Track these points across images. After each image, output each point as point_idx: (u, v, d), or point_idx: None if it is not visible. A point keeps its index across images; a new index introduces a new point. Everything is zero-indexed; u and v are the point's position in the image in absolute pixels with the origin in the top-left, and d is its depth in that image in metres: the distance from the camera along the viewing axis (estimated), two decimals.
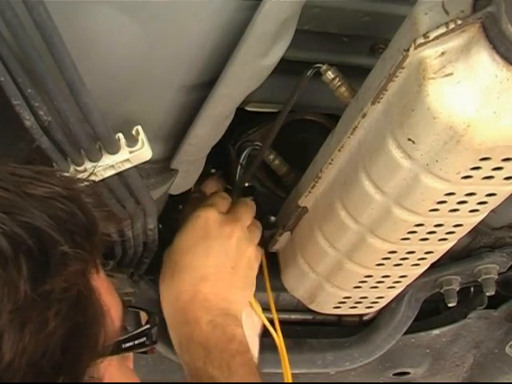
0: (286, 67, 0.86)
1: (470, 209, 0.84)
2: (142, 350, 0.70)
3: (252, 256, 1.07)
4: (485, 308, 1.32)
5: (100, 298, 0.60)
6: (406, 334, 1.31)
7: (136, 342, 0.68)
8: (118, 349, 0.64)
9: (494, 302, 1.32)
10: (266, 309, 1.25)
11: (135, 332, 0.68)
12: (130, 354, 0.70)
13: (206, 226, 1.04)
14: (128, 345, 0.66)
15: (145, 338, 0.69)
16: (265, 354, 1.11)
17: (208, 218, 1.04)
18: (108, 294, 0.62)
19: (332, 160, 0.90)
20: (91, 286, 0.59)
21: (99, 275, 0.63)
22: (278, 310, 1.19)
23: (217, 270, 1.03)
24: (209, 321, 0.99)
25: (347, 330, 1.32)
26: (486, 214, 0.87)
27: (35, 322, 0.51)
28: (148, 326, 0.71)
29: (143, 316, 0.75)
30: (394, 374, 1.43)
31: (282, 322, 1.28)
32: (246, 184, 1.18)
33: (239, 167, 1.14)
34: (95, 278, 0.61)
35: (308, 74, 0.94)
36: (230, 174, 1.16)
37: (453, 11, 0.67)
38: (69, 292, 0.54)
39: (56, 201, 0.57)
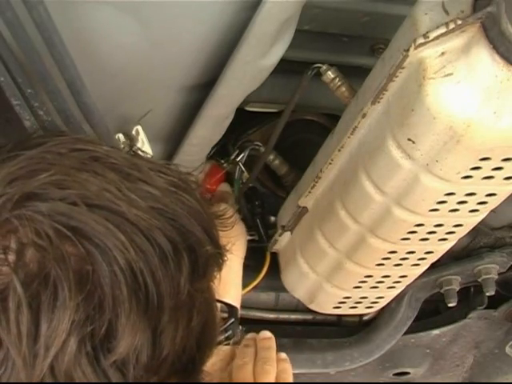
0: (286, 67, 0.86)
1: (470, 209, 0.84)
2: (226, 343, 0.71)
3: None
4: (485, 308, 1.32)
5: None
6: (406, 334, 1.31)
7: (226, 335, 0.69)
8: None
9: (494, 302, 1.32)
10: (266, 309, 1.25)
11: (224, 326, 0.69)
12: None
13: None
14: (220, 338, 0.68)
15: (230, 332, 0.70)
16: None
17: None
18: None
19: (332, 160, 0.90)
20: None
21: None
22: (278, 310, 1.18)
23: None
24: None
25: (347, 330, 1.32)
26: (485, 214, 0.87)
27: (185, 318, 0.52)
28: (233, 319, 0.71)
29: None
30: (394, 374, 1.43)
31: (282, 322, 1.28)
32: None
33: (239, 167, 1.14)
34: None
35: (308, 74, 0.94)
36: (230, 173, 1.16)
37: (453, 11, 0.67)
38: (209, 290, 0.55)
39: (184, 196, 0.56)
